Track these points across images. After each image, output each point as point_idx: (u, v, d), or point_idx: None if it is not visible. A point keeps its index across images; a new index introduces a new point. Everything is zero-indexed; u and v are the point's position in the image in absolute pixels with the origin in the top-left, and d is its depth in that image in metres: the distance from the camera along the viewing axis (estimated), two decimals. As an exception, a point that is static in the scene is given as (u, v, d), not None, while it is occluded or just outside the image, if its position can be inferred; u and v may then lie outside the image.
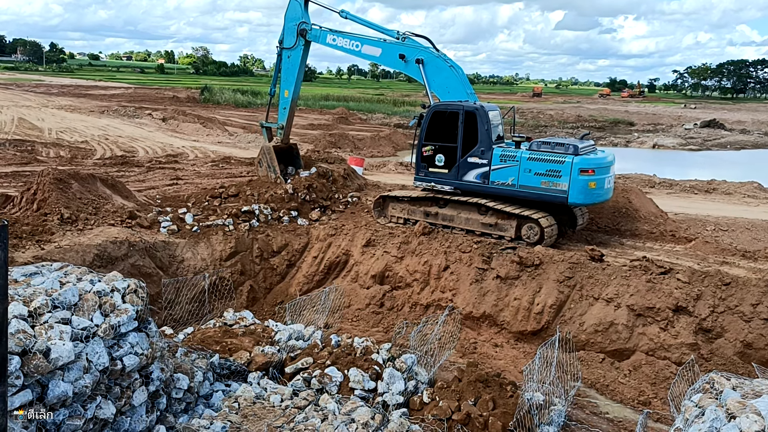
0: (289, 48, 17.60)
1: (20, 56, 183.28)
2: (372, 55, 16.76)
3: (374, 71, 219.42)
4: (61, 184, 14.36)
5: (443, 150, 15.30)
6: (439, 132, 15.37)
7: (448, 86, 15.72)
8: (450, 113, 14.98)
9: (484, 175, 14.68)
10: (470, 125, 14.68)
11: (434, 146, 15.43)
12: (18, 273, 6.87)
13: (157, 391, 7.17)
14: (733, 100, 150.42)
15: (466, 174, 14.91)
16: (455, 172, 15.02)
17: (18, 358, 5.42)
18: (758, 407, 5.24)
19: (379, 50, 16.51)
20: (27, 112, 45.44)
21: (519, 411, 7.97)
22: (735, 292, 11.48)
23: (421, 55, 15.83)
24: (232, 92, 73.43)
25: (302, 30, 17.25)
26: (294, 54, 17.63)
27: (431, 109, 15.25)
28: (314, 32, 17.34)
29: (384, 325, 13.36)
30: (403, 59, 16.03)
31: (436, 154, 15.39)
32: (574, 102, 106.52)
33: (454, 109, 14.89)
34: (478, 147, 14.66)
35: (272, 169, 18.14)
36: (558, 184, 13.69)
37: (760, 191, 23.58)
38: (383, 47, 16.45)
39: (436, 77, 15.74)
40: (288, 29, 17.52)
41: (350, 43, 16.94)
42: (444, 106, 15.19)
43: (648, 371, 11.23)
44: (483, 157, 14.61)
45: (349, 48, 16.97)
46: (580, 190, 13.56)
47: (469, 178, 14.89)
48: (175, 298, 12.38)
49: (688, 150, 51.09)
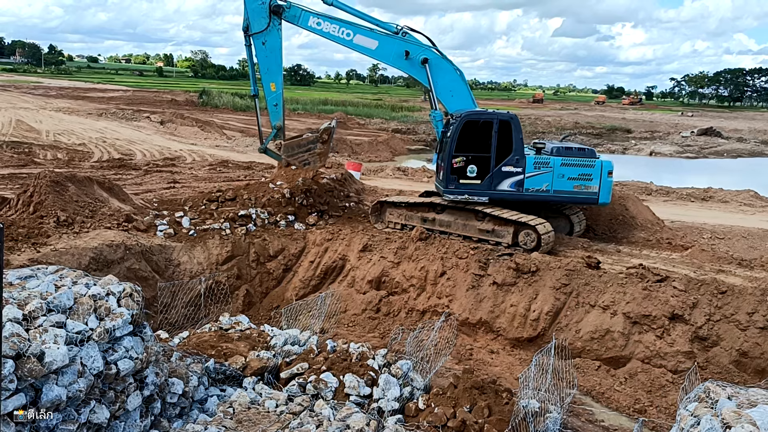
0: (260, 32, 14.70)
1: (19, 58, 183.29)
2: (366, 47, 14.96)
3: (372, 76, 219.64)
4: (57, 186, 14.32)
5: (475, 161, 14.73)
6: (471, 142, 14.78)
7: (452, 90, 15.13)
8: (483, 122, 14.59)
9: (518, 183, 14.65)
10: (504, 134, 14.50)
11: (466, 157, 14.72)
12: (13, 276, 6.85)
13: (151, 396, 7.14)
14: (730, 108, 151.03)
15: (500, 183, 14.69)
16: (488, 183, 14.68)
17: (12, 362, 5.40)
18: (754, 417, 5.24)
19: (376, 43, 14.91)
20: (25, 114, 45.38)
21: (514, 418, 7.95)
22: (731, 300, 11.49)
23: (427, 55, 14.92)
24: (230, 96, 73.42)
25: (276, 8, 14.58)
26: (270, 38, 14.84)
27: (462, 118, 14.53)
28: (293, 11, 14.81)
29: (380, 330, 13.34)
30: (407, 57, 14.90)
31: (467, 165, 14.77)
32: (571, 109, 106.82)
33: (488, 117, 14.64)
34: (512, 156, 14.55)
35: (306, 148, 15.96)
36: (590, 186, 14.67)
37: (757, 199, 23.65)
38: (381, 40, 14.92)
39: (440, 79, 15.03)
40: (253, 10, 14.57)
41: (340, 31, 14.79)
42: (476, 115, 14.81)
43: (644, 379, 11.23)
44: (517, 166, 14.60)
45: (338, 36, 14.84)
46: (607, 191, 14.73)
47: (503, 188, 14.71)
48: (170, 302, 12.35)
49: (684, 158, 51.25)
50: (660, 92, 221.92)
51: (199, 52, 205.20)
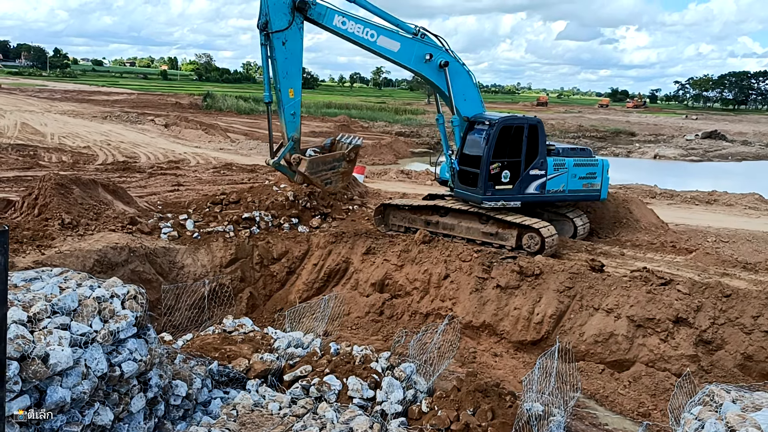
0: (280, 31, 12.99)
1: (24, 61, 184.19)
2: (389, 49, 14.07)
3: (376, 79, 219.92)
4: (62, 189, 14.38)
5: (508, 166, 14.69)
6: (505, 147, 14.68)
7: (465, 93, 14.86)
8: (516, 127, 14.66)
9: (542, 185, 14.97)
10: (532, 138, 14.67)
11: (501, 163, 14.55)
12: (18, 278, 6.88)
13: (155, 398, 7.16)
14: (734, 111, 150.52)
15: (527, 187, 14.88)
16: (519, 187, 14.78)
17: (16, 364, 5.42)
18: (758, 421, 5.22)
19: (398, 45, 14.08)
20: (30, 117, 45.58)
21: (518, 421, 7.94)
22: (735, 303, 11.45)
23: (447, 58, 14.44)
24: (234, 99, 73.64)
25: (301, 4, 13.06)
26: (291, 38, 13.20)
27: (499, 124, 14.32)
28: (318, 8, 13.35)
29: (383, 333, 13.33)
30: (428, 60, 14.31)
31: (502, 170, 14.65)
32: (575, 112, 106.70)
33: (520, 122, 14.79)
34: (538, 159, 14.79)
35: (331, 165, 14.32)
36: (594, 184, 15.78)
37: (761, 203, 23.59)
38: (403, 42, 14.13)
39: (456, 84, 14.69)
40: (275, 5, 12.95)
41: (364, 31, 13.78)
42: (511, 120, 14.82)
43: (648, 382, 11.19)
44: (542, 168, 14.89)
45: (362, 36, 13.79)
46: (606, 188, 16.06)
47: (530, 191, 14.93)
48: (174, 305, 12.37)
49: (689, 161, 51.16)
50: (664, 95, 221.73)
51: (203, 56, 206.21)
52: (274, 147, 14.33)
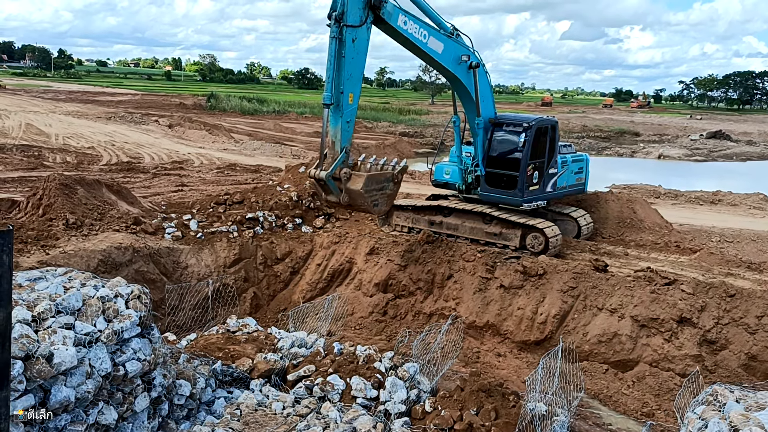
0: (353, 26, 11.75)
1: (29, 62, 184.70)
2: (434, 50, 13.40)
3: (380, 80, 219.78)
4: (66, 189, 14.44)
5: (538, 166, 14.86)
6: (537, 148, 14.74)
7: (483, 94, 14.61)
8: (545, 129, 14.89)
9: (554, 183, 15.43)
10: (552, 138, 15.09)
11: (534, 164, 14.65)
12: (22, 278, 6.90)
13: (159, 398, 7.18)
14: (739, 111, 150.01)
15: (547, 185, 15.25)
16: (542, 186, 15.06)
17: (21, 363, 5.44)
18: (762, 420, 5.21)
19: (442, 46, 13.47)
20: (34, 118, 45.74)
21: (521, 421, 7.94)
22: (740, 303, 11.42)
23: (477, 59, 14.00)
24: (238, 99, 73.76)
25: (376, 2, 11.90)
26: (360, 37, 12.02)
27: (534, 126, 14.43)
28: (389, 6, 12.27)
29: (387, 333, 13.34)
30: (462, 62, 13.84)
31: (534, 171, 14.75)
32: (579, 112, 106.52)
33: (548, 123, 15.08)
34: (554, 158, 15.25)
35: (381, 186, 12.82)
36: (581, 178, 16.63)
37: (766, 203, 23.52)
38: (446, 43, 13.54)
39: (481, 85, 14.38)
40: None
41: (419, 32, 13.08)
42: (543, 121, 14.97)
43: (651, 382, 11.17)
44: (555, 166, 15.34)
45: (416, 37, 13.02)
46: (588, 181, 16.93)
47: (548, 189, 15.32)
48: (178, 305, 12.39)
49: (693, 161, 51.04)
50: (669, 95, 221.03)
51: (207, 56, 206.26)
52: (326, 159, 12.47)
